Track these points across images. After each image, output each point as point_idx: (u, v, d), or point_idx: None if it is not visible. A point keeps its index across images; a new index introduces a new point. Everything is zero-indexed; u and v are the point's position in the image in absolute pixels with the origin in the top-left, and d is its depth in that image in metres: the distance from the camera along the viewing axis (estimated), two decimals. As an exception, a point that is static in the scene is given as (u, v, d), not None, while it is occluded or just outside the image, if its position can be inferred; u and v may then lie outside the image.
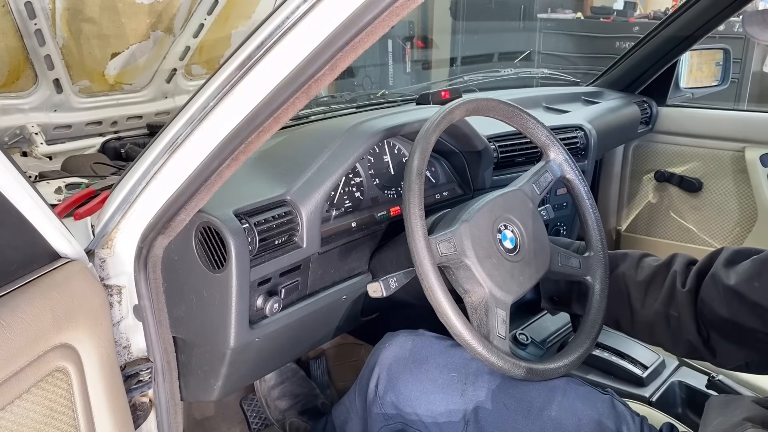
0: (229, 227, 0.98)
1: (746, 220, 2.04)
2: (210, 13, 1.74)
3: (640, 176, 2.25)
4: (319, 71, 0.74)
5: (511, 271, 1.10)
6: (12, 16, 1.41)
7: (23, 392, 0.73)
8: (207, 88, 0.81)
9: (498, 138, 1.53)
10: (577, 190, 1.26)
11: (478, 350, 0.99)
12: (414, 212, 1.01)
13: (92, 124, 1.73)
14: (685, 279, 1.10)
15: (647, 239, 2.26)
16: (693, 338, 1.08)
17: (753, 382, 1.35)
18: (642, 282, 1.15)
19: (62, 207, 1.06)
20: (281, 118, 0.80)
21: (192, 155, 0.84)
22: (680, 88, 2.17)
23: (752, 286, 0.99)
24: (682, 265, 1.13)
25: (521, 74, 2.26)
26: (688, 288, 1.08)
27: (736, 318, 1.01)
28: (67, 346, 0.79)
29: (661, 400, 1.35)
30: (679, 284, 1.10)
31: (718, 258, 1.08)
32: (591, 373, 1.43)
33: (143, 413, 0.99)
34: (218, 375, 1.11)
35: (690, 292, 1.08)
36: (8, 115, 1.55)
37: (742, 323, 1.00)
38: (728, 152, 2.04)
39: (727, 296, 1.02)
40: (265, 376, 1.73)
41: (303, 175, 1.12)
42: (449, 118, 1.12)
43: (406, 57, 5.05)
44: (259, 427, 1.74)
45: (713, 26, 1.90)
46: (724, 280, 1.04)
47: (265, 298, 1.07)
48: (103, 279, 0.94)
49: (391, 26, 0.72)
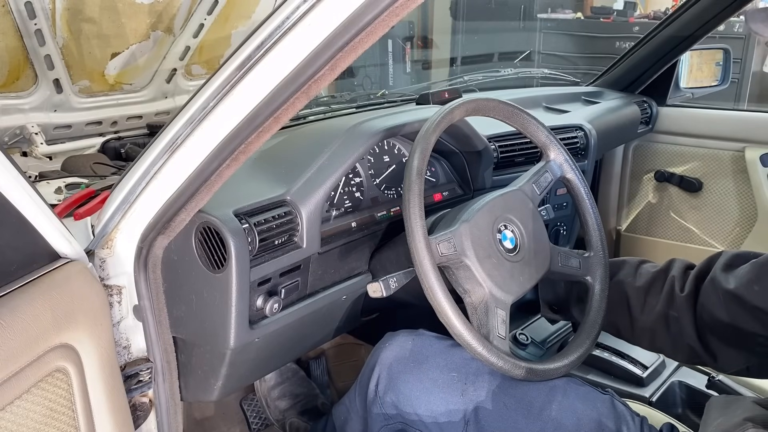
0: (229, 227, 0.97)
1: (746, 220, 2.04)
2: (210, 13, 1.74)
3: (640, 176, 2.24)
4: (319, 71, 0.74)
5: (511, 271, 1.10)
6: (12, 16, 1.41)
7: (23, 392, 0.73)
8: (207, 88, 0.81)
9: (498, 138, 1.53)
10: (577, 190, 1.26)
11: (478, 350, 0.99)
12: (414, 212, 1.01)
13: (92, 124, 1.73)
14: (684, 283, 1.10)
15: (647, 239, 2.26)
16: (693, 343, 1.07)
17: (753, 383, 1.35)
18: (641, 288, 1.15)
19: (62, 207, 1.06)
20: (281, 118, 0.80)
21: (192, 155, 0.84)
22: (680, 88, 2.17)
23: (752, 289, 0.99)
24: (680, 269, 1.13)
25: (521, 74, 2.25)
26: (687, 292, 1.08)
27: (736, 322, 1.01)
28: (67, 347, 0.79)
29: (661, 400, 1.35)
30: (677, 289, 1.10)
31: (716, 262, 1.08)
32: (591, 373, 1.43)
33: (143, 413, 0.99)
34: (218, 375, 1.11)
35: (689, 297, 1.08)
36: (8, 115, 1.55)
37: (742, 327, 1.00)
38: (728, 152, 2.04)
39: (727, 300, 1.02)
40: (265, 377, 1.73)
41: (303, 175, 1.12)
42: (449, 118, 1.12)
43: (406, 57, 5.05)
44: (259, 427, 1.74)
45: (713, 26, 1.90)
46: (723, 284, 1.03)
47: (265, 298, 1.07)
48: (103, 279, 0.94)
49: (391, 26, 0.72)
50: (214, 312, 1.02)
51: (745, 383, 1.33)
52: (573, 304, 1.25)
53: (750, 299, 0.99)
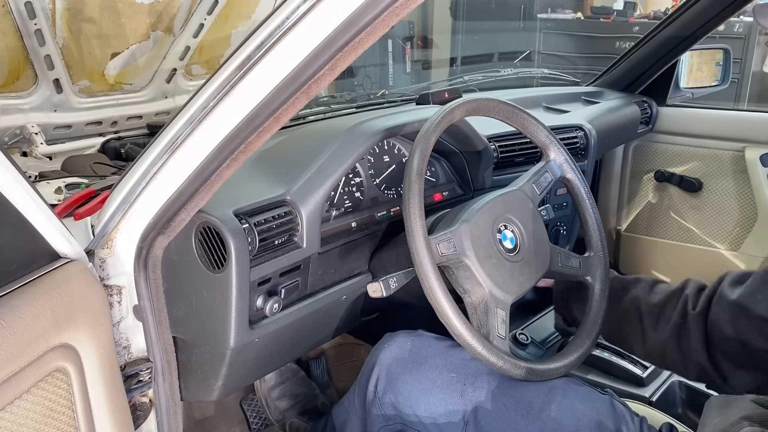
0: (229, 227, 0.97)
1: (746, 220, 2.03)
2: (210, 13, 1.74)
3: (640, 176, 2.24)
4: (319, 71, 0.74)
5: (511, 271, 1.10)
6: (12, 16, 1.41)
7: (23, 392, 0.73)
8: (207, 88, 0.81)
9: (498, 138, 1.52)
10: (577, 190, 1.26)
11: (477, 350, 0.99)
12: (414, 212, 1.01)
13: (92, 124, 1.73)
14: (696, 302, 1.11)
15: (647, 239, 2.25)
16: (703, 361, 1.08)
17: (753, 382, 1.35)
18: (655, 305, 1.15)
19: (62, 207, 1.06)
20: (281, 118, 0.80)
21: (192, 155, 0.84)
22: (680, 88, 2.17)
23: (756, 298, 0.99)
24: (693, 289, 1.14)
25: (521, 74, 2.25)
26: (699, 310, 1.09)
27: (742, 336, 1.01)
28: (67, 346, 0.79)
29: (661, 400, 1.35)
30: (690, 307, 1.11)
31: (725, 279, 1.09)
32: (591, 373, 1.43)
33: (143, 413, 0.99)
34: (218, 375, 1.11)
35: (700, 314, 1.09)
36: (8, 115, 1.55)
37: (749, 342, 1.00)
38: (728, 152, 2.03)
39: (733, 312, 1.03)
40: (266, 377, 1.73)
41: (303, 175, 1.12)
42: (449, 117, 1.12)
43: (406, 57, 5.05)
44: (259, 427, 1.74)
45: (713, 26, 1.90)
46: (728, 297, 1.04)
47: (265, 298, 1.07)
48: (103, 279, 0.94)
49: (391, 26, 0.72)
50: (214, 312, 1.02)
51: (745, 383, 1.33)
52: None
53: (754, 308, 0.99)
